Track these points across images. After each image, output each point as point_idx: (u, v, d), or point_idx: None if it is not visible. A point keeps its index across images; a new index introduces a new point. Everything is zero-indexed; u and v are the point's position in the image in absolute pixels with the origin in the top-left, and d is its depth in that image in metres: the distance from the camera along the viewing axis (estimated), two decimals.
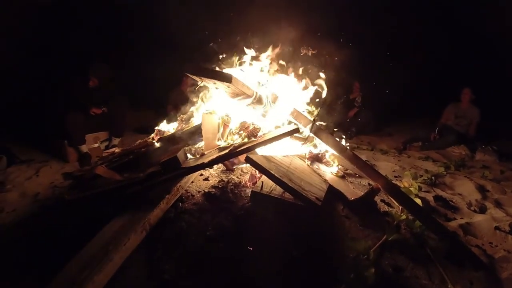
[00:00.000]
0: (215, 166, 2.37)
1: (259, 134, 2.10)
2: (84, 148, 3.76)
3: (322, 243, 1.64)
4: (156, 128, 2.58)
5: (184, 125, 2.50)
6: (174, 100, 5.06)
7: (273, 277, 1.41)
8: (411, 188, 2.30)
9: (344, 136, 3.31)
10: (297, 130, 1.88)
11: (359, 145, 4.80)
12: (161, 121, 2.99)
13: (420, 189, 2.55)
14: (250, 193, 1.73)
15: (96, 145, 4.04)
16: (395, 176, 3.04)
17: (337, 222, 1.83)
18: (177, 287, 1.39)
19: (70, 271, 1.40)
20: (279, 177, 1.42)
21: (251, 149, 1.79)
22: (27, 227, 2.16)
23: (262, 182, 1.65)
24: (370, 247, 1.61)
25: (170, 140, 2.32)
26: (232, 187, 2.02)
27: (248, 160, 1.49)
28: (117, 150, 3.19)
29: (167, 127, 2.59)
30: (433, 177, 2.78)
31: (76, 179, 2.58)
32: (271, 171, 1.44)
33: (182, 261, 1.50)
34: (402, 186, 2.44)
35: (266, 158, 1.72)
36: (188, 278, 1.43)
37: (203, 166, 1.74)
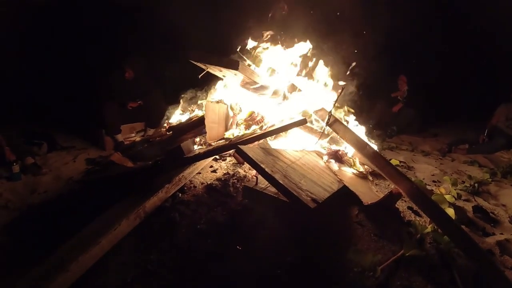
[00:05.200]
0: (227, 159, 2.29)
1: (266, 125, 1.95)
2: (120, 137, 3.98)
3: (323, 252, 1.45)
4: (167, 120, 2.59)
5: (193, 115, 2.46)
6: None
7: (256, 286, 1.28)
8: (446, 196, 1.95)
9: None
10: (304, 121, 1.69)
11: (398, 145, 4.35)
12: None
13: (459, 197, 2.17)
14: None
15: (132, 135, 4.26)
16: (434, 181, 2.66)
17: (346, 229, 1.62)
18: (157, 279, 1.34)
19: (62, 251, 1.44)
20: (270, 172, 1.27)
21: (251, 140, 1.66)
22: (52, 208, 2.32)
23: (257, 177, 1.51)
24: (380, 262, 1.38)
25: (180, 130, 2.30)
26: (235, 180, 1.91)
27: (238, 152, 1.36)
28: (137, 139, 3.30)
29: (178, 117, 2.58)
30: (476, 184, 2.35)
31: (96, 164, 2.72)
32: (261, 165, 1.29)
33: (168, 253, 1.45)
34: (438, 192, 2.09)
35: (265, 150, 1.57)
36: (170, 271, 1.37)
37: (199, 157, 1.66)
